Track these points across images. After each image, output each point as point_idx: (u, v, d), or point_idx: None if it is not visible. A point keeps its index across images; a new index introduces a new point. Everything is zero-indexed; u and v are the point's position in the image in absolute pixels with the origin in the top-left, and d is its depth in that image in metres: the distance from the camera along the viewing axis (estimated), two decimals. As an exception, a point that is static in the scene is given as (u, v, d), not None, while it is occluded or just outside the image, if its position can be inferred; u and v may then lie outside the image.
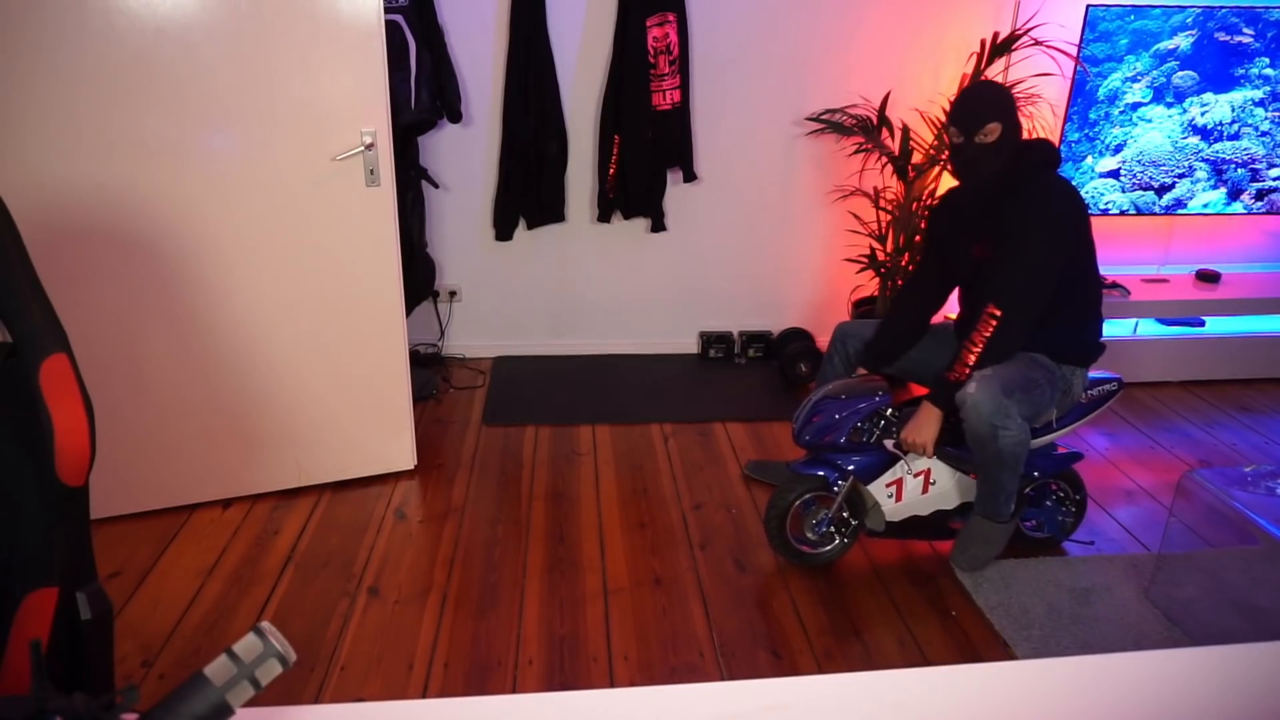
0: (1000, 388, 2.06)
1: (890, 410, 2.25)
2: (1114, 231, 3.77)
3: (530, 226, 3.48)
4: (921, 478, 2.28)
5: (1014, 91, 3.18)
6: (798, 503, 2.27)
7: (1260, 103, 3.44)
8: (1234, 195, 3.57)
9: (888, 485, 2.26)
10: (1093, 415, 2.34)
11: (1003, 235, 2.13)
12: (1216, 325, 3.65)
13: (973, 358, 2.10)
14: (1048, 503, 2.41)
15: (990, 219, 2.17)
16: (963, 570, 2.30)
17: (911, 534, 2.35)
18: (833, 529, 2.31)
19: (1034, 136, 2.25)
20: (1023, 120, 2.17)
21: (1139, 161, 3.48)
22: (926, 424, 2.14)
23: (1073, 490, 2.43)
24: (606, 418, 3.20)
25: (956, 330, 2.37)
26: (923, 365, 2.40)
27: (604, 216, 3.48)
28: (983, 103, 2.12)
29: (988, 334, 2.09)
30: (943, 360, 2.31)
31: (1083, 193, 3.49)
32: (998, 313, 2.08)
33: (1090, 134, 3.42)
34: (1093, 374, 2.32)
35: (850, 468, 2.22)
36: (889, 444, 2.24)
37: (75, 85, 2.08)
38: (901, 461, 2.26)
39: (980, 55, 3.18)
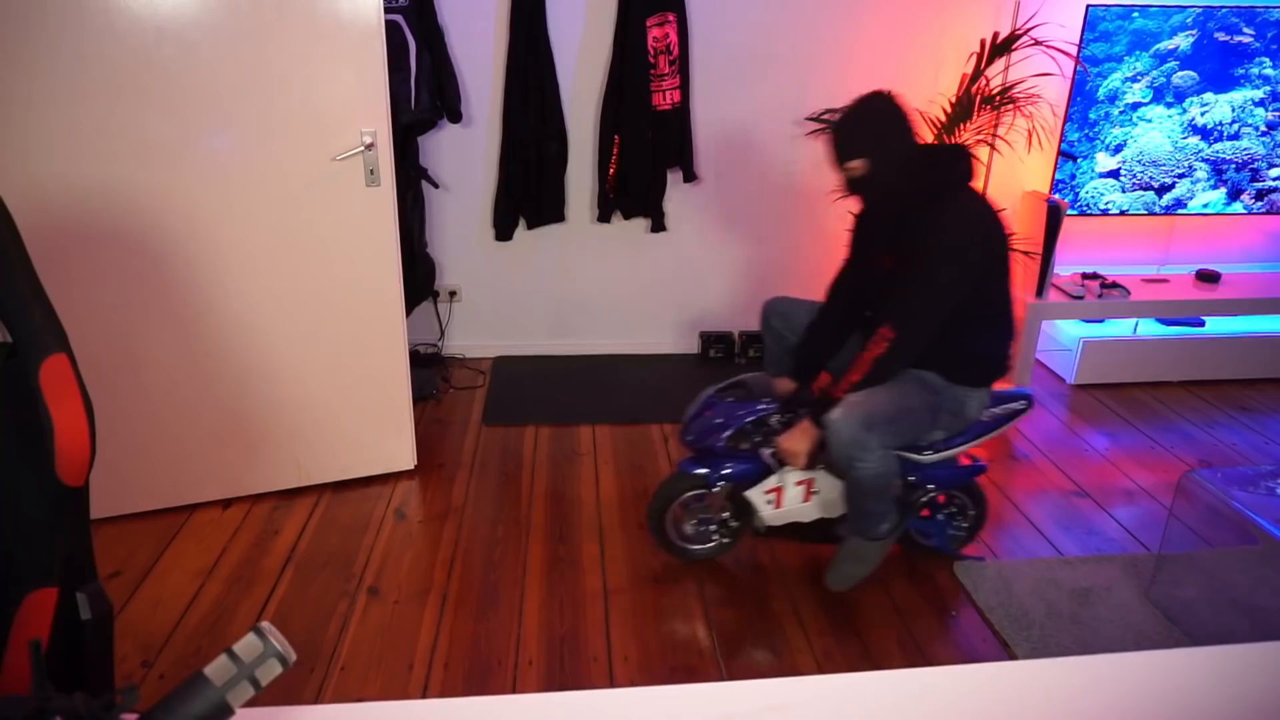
0: (861, 420, 1.98)
1: (777, 418, 2.21)
2: (1114, 231, 3.77)
3: (530, 226, 3.48)
4: (804, 486, 2.24)
5: (1013, 92, 3.20)
6: (681, 498, 2.26)
7: (1260, 103, 3.44)
8: (1234, 195, 3.57)
9: (767, 492, 2.23)
10: (994, 434, 2.26)
11: (908, 254, 2.04)
12: (1216, 325, 3.65)
13: (857, 375, 2.03)
14: (939, 516, 2.35)
15: (900, 233, 2.08)
16: (835, 588, 2.22)
17: (798, 536, 2.33)
18: (713, 529, 2.30)
19: (950, 142, 2.16)
20: (913, 130, 2.04)
21: (1139, 161, 3.48)
22: (802, 437, 2.08)
23: (971, 504, 2.36)
24: (606, 418, 3.20)
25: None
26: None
27: (604, 216, 3.48)
28: (845, 137, 2.03)
29: (877, 354, 2.01)
30: None
31: (1081, 193, 3.50)
32: (890, 335, 2.00)
33: (1090, 134, 3.42)
34: (1002, 390, 2.25)
35: (729, 473, 2.20)
36: (766, 453, 2.19)
37: (75, 85, 2.08)
38: (779, 471, 2.21)
39: (980, 55, 3.18)
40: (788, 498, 2.25)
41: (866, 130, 2.02)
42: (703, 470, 2.22)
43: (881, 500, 2.09)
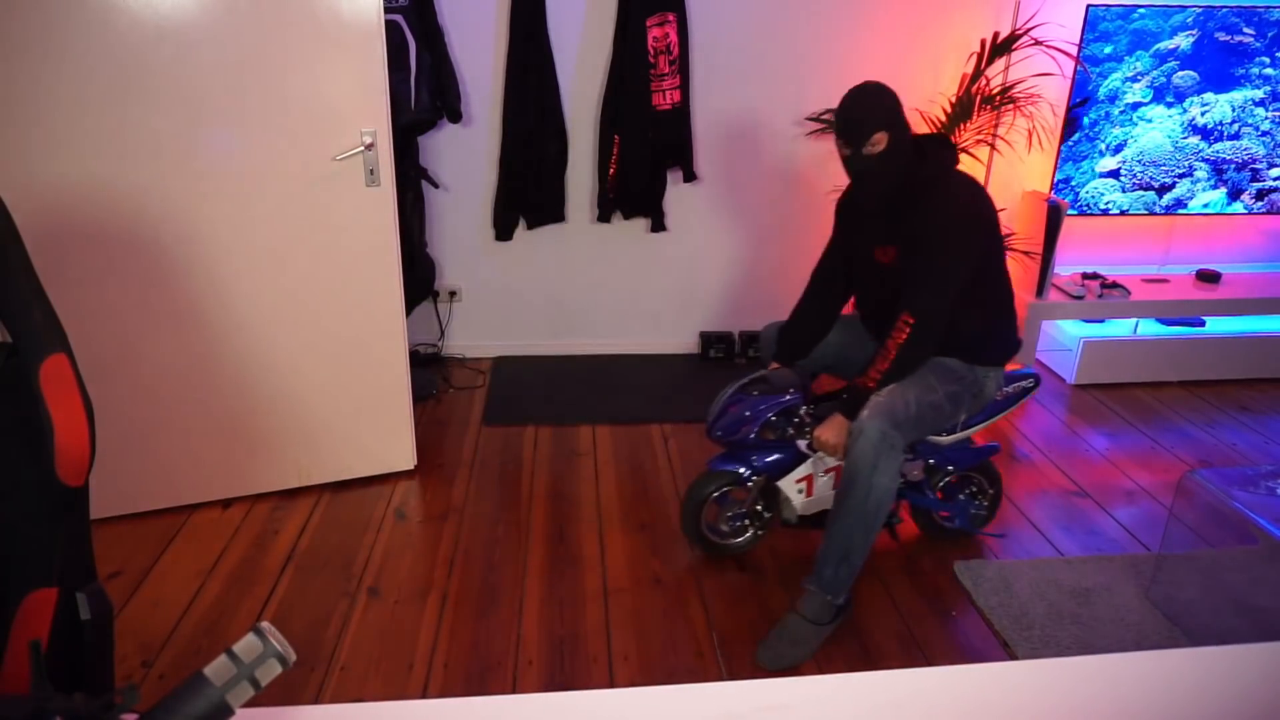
0: (887, 419, 2.00)
1: (805, 409, 2.26)
2: (1114, 231, 3.77)
3: (530, 226, 3.48)
4: (832, 474, 2.29)
5: (1013, 92, 3.21)
6: (713, 495, 2.31)
7: (1260, 103, 3.44)
8: (1234, 195, 3.57)
9: (798, 481, 2.28)
10: (1007, 412, 2.35)
11: (911, 244, 2.07)
12: (1216, 325, 3.65)
13: (885, 364, 2.06)
14: (961, 496, 2.44)
15: (896, 225, 2.11)
16: (763, 665, 2.05)
17: (822, 525, 2.34)
18: (746, 521, 2.36)
19: (930, 132, 2.21)
20: (909, 118, 2.12)
21: (1139, 161, 3.48)
22: (838, 429, 2.10)
23: (988, 483, 2.46)
24: (606, 418, 3.20)
25: (865, 326, 2.34)
26: (834, 356, 2.41)
27: (604, 216, 3.48)
28: (866, 112, 2.05)
29: (901, 340, 2.04)
30: (854, 350, 2.33)
31: (1081, 193, 3.50)
32: (911, 320, 2.04)
33: (1090, 134, 3.42)
34: (1012, 370, 2.32)
35: (762, 464, 2.25)
36: (802, 444, 2.24)
37: (75, 84, 2.08)
38: (812, 459, 2.27)
39: (980, 55, 3.18)
40: (819, 486, 2.30)
41: (881, 105, 2.05)
42: (737, 465, 2.27)
43: (867, 541, 2.03)
